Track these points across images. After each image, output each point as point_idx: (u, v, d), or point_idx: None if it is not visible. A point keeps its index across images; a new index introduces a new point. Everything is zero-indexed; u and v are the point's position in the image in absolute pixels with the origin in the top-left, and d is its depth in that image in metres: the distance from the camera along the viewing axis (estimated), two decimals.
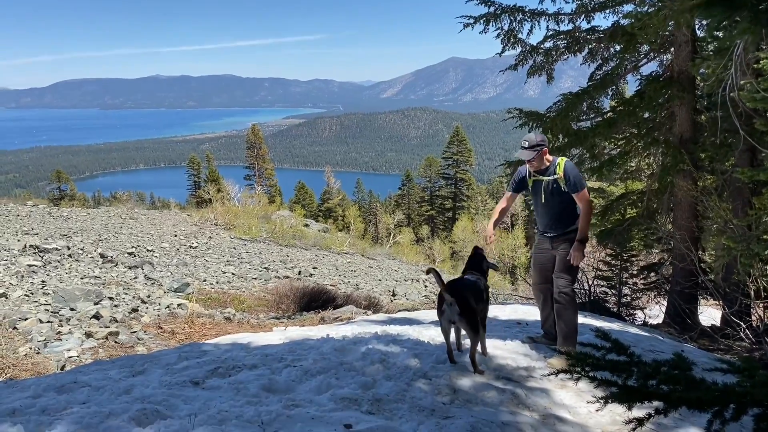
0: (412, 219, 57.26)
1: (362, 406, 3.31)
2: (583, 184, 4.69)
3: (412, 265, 29.94)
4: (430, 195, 57.43)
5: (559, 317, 4.67)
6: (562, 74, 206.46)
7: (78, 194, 55.24)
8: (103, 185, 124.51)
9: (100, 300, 10.41)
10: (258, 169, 54.49)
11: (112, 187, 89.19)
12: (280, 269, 18.00)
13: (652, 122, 10.20)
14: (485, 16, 10.35)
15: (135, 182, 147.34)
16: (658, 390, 1.76)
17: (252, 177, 54.50)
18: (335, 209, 56.77)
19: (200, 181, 55.75)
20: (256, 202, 36.24)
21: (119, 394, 3.40)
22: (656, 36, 9.28)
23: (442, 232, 52.79)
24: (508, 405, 3.56)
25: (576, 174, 4.71)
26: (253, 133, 56.34)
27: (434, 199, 56.95)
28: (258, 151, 54.78)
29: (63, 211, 24.66)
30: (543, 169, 4.82)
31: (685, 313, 8.75)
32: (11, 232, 16.89)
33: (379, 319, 7.67)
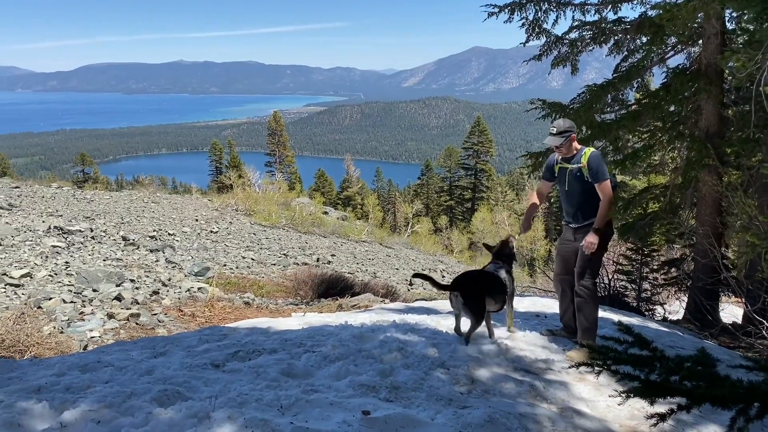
0: (431, 209, 57.15)
1: (380, 393, 3.33)
2: (605, 175, 4.63)
3: (430, 254, 29.94)
4: (449, 185, 57.25)
5: (579, 311, 4.66)
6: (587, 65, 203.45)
7: (101, 177, 56.04)
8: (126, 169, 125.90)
9: (122, 282, 10.56)
10: (279, 156, 54.71)
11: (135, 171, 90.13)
12: (299, 256, 18.10)
13: (677, 116, 10.04)
14: (510, 6, 10.24)
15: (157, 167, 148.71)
16: (681, 386, 1.74)
17: (273, 164, 54.75)
18: (354, 197, 56.85)
19: (222, 166, 56.18)
20: (277, 188, 36.43)
21: (141, 374, 3.45)
22: (684, 28, 9.11)
23: (460, 223, 52.66)
24: (526, 397, 3.55)
25: (599, 164, 4.66)
26: (275, 120, 56.53)
27: (453, 190, 56.77)
28: (279, 138, 54.97)
29: (86, 193, 25.00)
30: (570, 156, 4.80)
31: (706, 309, 8.65)
32: (36, 213, 17.17)
33: (396, 308, 7.68)
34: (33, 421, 2.66)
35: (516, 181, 60.58)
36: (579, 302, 4.65)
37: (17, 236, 12.86)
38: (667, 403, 1.85)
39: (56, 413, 2.74)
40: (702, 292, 9.15)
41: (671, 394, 1.72)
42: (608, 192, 4.61)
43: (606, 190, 4.61)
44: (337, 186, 60.71)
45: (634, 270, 11.91)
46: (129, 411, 2.80)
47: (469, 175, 55.93)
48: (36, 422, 2.66)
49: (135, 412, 2.80)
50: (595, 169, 4.62)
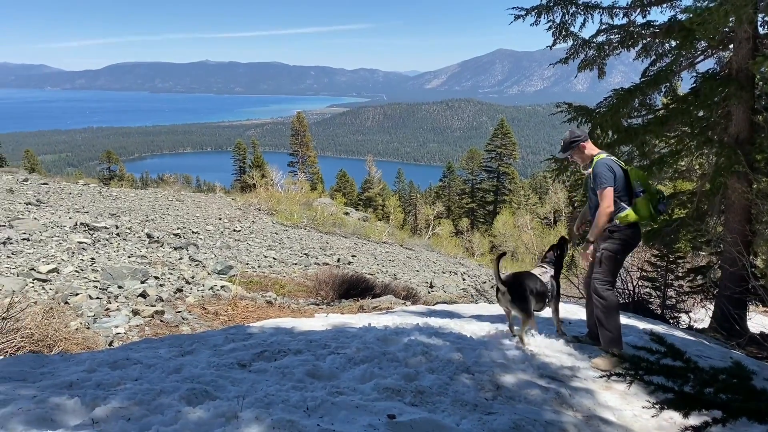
0: (452, 211, 56.97)
1: (405, 397, 3.33)
2: (603, 183, 4.52)
3: (451, 257, 29.84)
4: (471, 188, 57.02)
5: (599, 323, 4.59)
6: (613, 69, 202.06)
7: (127, 175, 56.80)
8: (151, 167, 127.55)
9: (147, 279, 10.70)
10: (301, 156, 55.00)
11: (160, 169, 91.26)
12: (320, 256, 18.16)
13: (706, 121, 9.89)
14: (537, 8, 10.18)
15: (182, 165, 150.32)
16: (717, 398, 1.72)
17: (295, 164, 55.05)
18: (375, 198, 56.91)
19: (245, 166, 56.67)
20: (299, 188, 36.64)
21: (170, 372, 3.49)
22: (715, 32, 8.97)
23: (482, 226, 52.42)
24: (551, 404, 3.52)
25: (600, 172, 4.57)
26: (298, 120, 56.85)
27: (475, 192, 56.54)
28: (302, 138, 55.28)
29: (112, 190, 25.37)
30: (587, 164, 4.79)
31: (733, 318, 8.51)
32: (63, 209, 17.46)
33: (418, 311, 7.68)
34: (65, 417, 2.71)
35: (539, 185, 60.15)
36: (596, 312, 4.60)
37: (45, 232, 13.10)
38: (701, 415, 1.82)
39: (87, 409, 2.78)
40: (729, 301, 9.00)
41: (706, 407, 1.70)
42: (604, 198, 4.50)
43: (602, 196, 4.51)
44: (359, 187, 60.83)
45: (658, 277, 11.76)
46: (158, 409, 2.84)
47: (492, 178, 55.66)
48: (68, 418, 2.70)
49: (164, 410, 2.83)
50: (595, 176, 4.59)
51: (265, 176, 39.94)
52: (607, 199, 4.49)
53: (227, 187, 50.74)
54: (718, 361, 4.91)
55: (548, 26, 10.35)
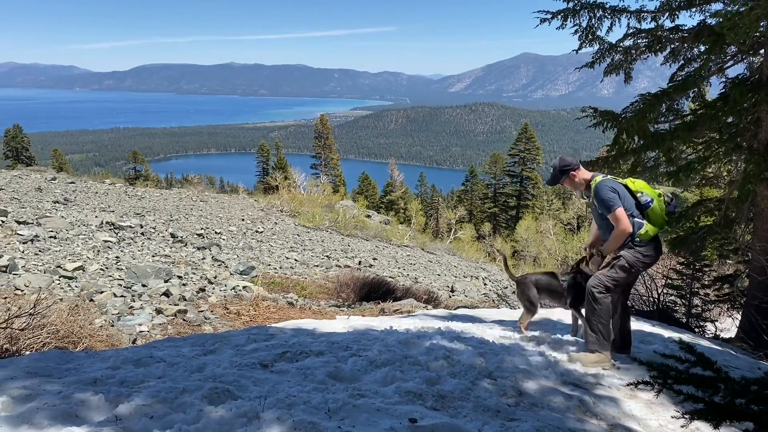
0: (474, 215, 56.72)
1: (426, 401, 3.31)
2: (611, 206, 4.42)
3: (472, 261, 29.70)
4: (493, 192, 56.73)
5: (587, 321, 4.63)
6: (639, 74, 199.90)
7: (152, 175, 57.57)
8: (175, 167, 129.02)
9: (170, 278, 10.81)
10: (324, 159, 55.24)
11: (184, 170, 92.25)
12: (341, 258, 18.20)
13: (735, 127, 9.73)
14: (563, 12, 10.10)
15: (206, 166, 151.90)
16: (749, 410, 1.68)
17: (318, 166, 55.31)
18: (397, 202, 56.89)
19: (268, 168, 57.09)
20: (321, 191, 36.81)
21: (192, 371, 3.52)
22: (746, 37, 8.81)
23: (504, 231, 52.13)
24: (575, 412, 3.47)
25: (604, 196, 4.46)
26: (321, 123, 57.11)
27: (498, 197, 56.23)
28: (325, 141, 55.53)
29: (138, 190, 25.73)
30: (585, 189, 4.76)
31: (761, 328, 8.33)
32: (90, 208, 17.73)
33: (440, 315, 7.64)
34: (89, 413, 2.73)
35: (562, 190, 59.61)
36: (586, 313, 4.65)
37: (71, 230, 13.31)
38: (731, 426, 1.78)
39: (111, 406, 2.81)
40: (757, 311, 8.83)
41: (738, 418, 1.66)
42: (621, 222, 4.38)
43: (618, 220, 4.39)
44: (381, 190, 60.86)
45: (684, 285, 11.58)
46: (181, 407, 2.85)
47: (515, 183, 55.33)
48: (92, 414, 2.73)
49: (187, 408, 2.85)
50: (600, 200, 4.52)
51: (288, 178, 40.22)
52: (622, 220, 4.39)
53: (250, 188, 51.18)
54: (746, 372, 4.81)
55: (574, 30, 10.25)
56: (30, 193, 18.69)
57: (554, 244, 42.78)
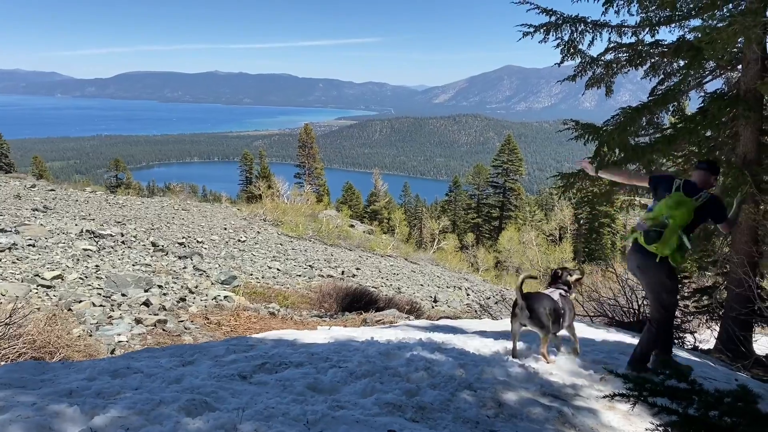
0: (458, 226, 56.92)
1: (406, 412, 3.30)
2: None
3: (456, 272, 29.76)
4: (477, 203, 57.00)
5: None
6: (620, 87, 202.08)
7: (134, 183, 57.13)
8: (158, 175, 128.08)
9: (150, 287, 10.71)
10: (308, 168, 55.16)
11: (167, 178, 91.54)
12: (324, 268, 18.16)
13: (714, 141, 9.87)
14: (545, 26, 10.20)
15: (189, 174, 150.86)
16: (722, 422, 1.70)
17: (302, 175, 55.21)
18: (381, 211, 56.94)
19: (252, 176, 56.88)
20: (305, 200, 36.73)
21: (170, 382, 3.48)
22: (724, 52, 8.97)
23: (487, 241, 52.35)
24: (554, 423, 3.48)
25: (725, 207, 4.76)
26: (306, 132, 57.10)
27: (481, 207, 56.50)
28: (309, 150, 55.48)
29: (119, 198, 25.50)
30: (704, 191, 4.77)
31: (739, 340, 8.43)
32: (69, 216, 17.53)
33: (422, 325, 7.63)
34: (64, 425, 2.69)
35: (545, 201, 60.12)
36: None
37: (50, 238, 13.14)
38: None
39: (87, 418, 2.76)
40: (735, 322, 8.93)
41: (711, 431, 1.68)
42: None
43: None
44: (365, 200, 60.88)
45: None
46: (158, 419, 2.82)
47: (498, 193, 55.64)
48: (67, 426, 2.69)
49: (163, 420, 2.81)
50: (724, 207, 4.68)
51: (272, 187, 40.09)
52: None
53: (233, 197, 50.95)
54: (722, 383, 4.86)
55: (556, 44, 10.35)
56: (8, 200, 18.45)
57: (536, 255, 43.02)
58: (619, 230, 50.04)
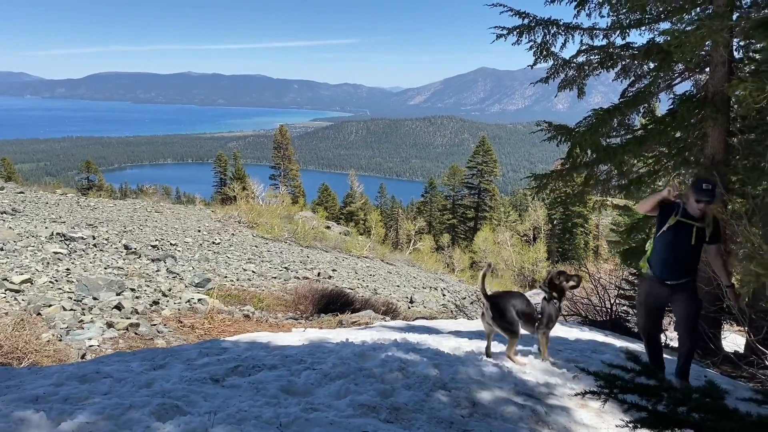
0: (434, 227, 57.14)
1: (380, 413, 3.29)
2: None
3: (432, 272, 29.86)
4: (452, 204, 57.27)
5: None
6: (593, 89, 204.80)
7: (106, 185, 56.25)
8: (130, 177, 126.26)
9: (123, 291, 10.54)
10: (283, 170, 54.90)
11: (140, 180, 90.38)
12: (300, 270, 18.07)
13: (683, 142, 10.05)
14: (518, 28, 10.29)
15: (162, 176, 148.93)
16: (690, 417, 1.72)
17: (277, 177, 54.92)
18: (357, 213, 56.91)
19: (226, 178, 56.42)
20: (280, 201, 36.52)
21: (140, 387, 3.42)
22: (692, 55, 9.14)
23: (462, 242, 52.62)
24: (527, 421, 3.51)
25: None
26: (281, 133, 56.82)
27: (456, 208, 56.78)
28: (284, 151, 55.23)
29: (90, 200, 25.07)
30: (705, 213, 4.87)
31: (708, 337, 8.58)
32: (39, 219, 17.20)
33: (397, 326, 7.64)
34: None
35: (519, 202, 60.66)
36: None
37: (19, 242, 12.86)
38: None
39: (54, 424, 2.71)
40: (704, 320, 9.08)
41: (679, 426, 1.70)
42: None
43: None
44: (341, 201, 60.79)
45: (636, 295, 11.84)
46: (127, 424, 2.77)
47: (473, 194, 55.97)
48: None
49: (133, 425, 2.77)
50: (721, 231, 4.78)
51: (246, 189, 39.81)
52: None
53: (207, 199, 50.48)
54: (693, 380, 4.94)
55: (530, 46, 10.45)
56: None
57: (511, 255, 43.36)
58: (591, 230, 50.72)
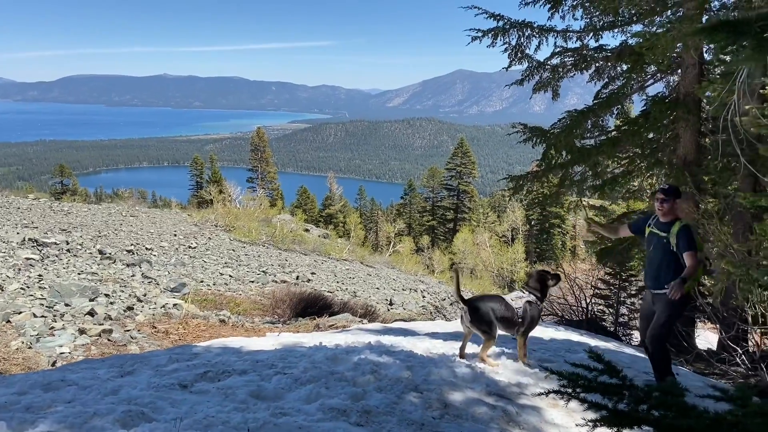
0: (413, 228, 57.24)
1: (351, 417, 3.27)
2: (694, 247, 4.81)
3: (411, 274, 29.88)
4: (431, 205, 57.43)
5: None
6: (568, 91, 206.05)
7: (80, 189, 55.42)
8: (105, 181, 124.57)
9: (96, 297, 10.37)
10: (261, 172, 54.57)
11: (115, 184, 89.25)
12: (278, 273, 17.96)
13: (656, 143, 10.19)
14: (493, 31, 10.36)
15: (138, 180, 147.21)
16: (649, 415, 1.74)
17: (254, 179, 54.58)
18: (336, 215, 56.79)
19: (202, 181, 55.89)
20: (258, 204, 36.27)
21: (106, 394, 3.36)
22: (664, 57, 9.28)
23: (442, 243, 52.76)
24: (498, 422, 3.52)
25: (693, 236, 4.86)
26: (258, 136, 56.49)
27: (436, 210, 56.95)
28: (262, 154, 54.90)
29: (64, 205, 24.67)
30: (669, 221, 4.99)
31: (681, 335, 8.70)
32: (11, 224, 16.88)
33: (374, 329, 7.63)
34: None
35: (498, 203, 61.01)
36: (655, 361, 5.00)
37: None
38: None
39: None
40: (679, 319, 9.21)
41: (638, 424, 1.71)
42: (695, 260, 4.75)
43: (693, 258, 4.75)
44: (320, 203, 60.60)
45: (611, 295, 11.99)
46: None
47: (452, 196, 56.17)
48: None
49: None
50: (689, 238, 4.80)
51: (223, 192, 39.48)
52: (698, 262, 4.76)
53: (184, 202, 49.96)
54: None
55: (504, 48, 10.53)
56: None
57: (490, 256, 43.58)
58: (568, 230, 51.24)
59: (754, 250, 7.52)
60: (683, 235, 4.76)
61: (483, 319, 4.73)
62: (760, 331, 7.63)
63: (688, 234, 4.78)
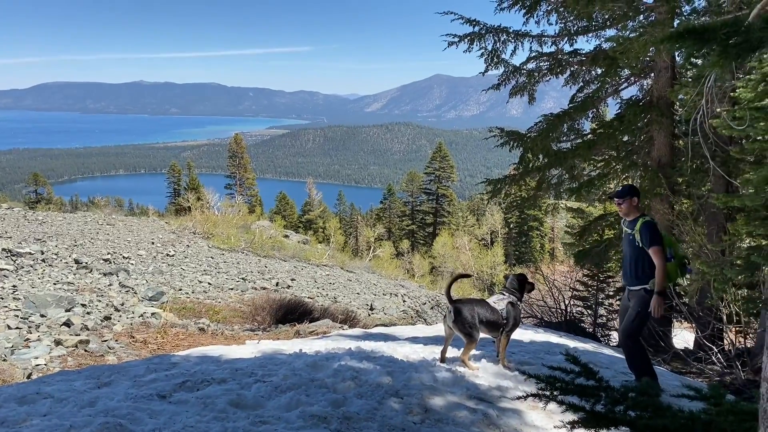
0: (393, 233, 57.24)
1: (331, 424, 3.26)
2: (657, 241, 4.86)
3: (392, 279, 29.88)
4: (411, 210, 57.51)
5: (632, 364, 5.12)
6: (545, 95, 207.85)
7: (55, 198, 54.58)
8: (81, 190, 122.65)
9: (72, 307, 10.22)
10: (239, 179, 54.21)
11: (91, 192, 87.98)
12: (258, 280, 17.84)
13: (630, 145, 10.33)
14: (469, 36, 10.43)
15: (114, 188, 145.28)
16: (626, 416, 1.76)
17: (233, 186, 54.19)
18: (316, 221, 56.60)
19: (180, 188, 55.34)
20: (236, 211, 36.02)
21: (83, 406, 3.31)
22: (637, 61, 9.43)
23: (422, 247, 52.85)
24: (479, 425, 3.53)
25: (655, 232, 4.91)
26: (236, 142, 56.13)
27: (415, 214, 57.04)
28: (240, 160, 54.54)
29: (39, 214, 24.28)
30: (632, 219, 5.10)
31: (659, 335, 8.81)
32: None
33: (354, 334, 7.61)
34: None
35: (476, 207, 61.29)
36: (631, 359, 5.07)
37: None
38: None
39: None
40: (655, 319, 9.33)
41: (615, 424, 1.74)
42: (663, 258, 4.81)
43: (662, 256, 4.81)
44: (299, 209, 60.35)
45: (590, 296, 12.11)
46: None
47: (431, 200, 56.31)
48: None
49: None
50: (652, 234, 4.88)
51: (201, 199, 39.17)
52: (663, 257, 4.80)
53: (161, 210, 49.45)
54: None
55: (481, 53, 10.61)
56: None
57: (469, 259, 43.75)
58: (546, 233, 51.66)
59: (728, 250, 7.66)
60: (645, 231, 4.86)
61: (466, 321, 4.77)
62: (734, 330, 7.76)
63: (650, 229, 4.86)
